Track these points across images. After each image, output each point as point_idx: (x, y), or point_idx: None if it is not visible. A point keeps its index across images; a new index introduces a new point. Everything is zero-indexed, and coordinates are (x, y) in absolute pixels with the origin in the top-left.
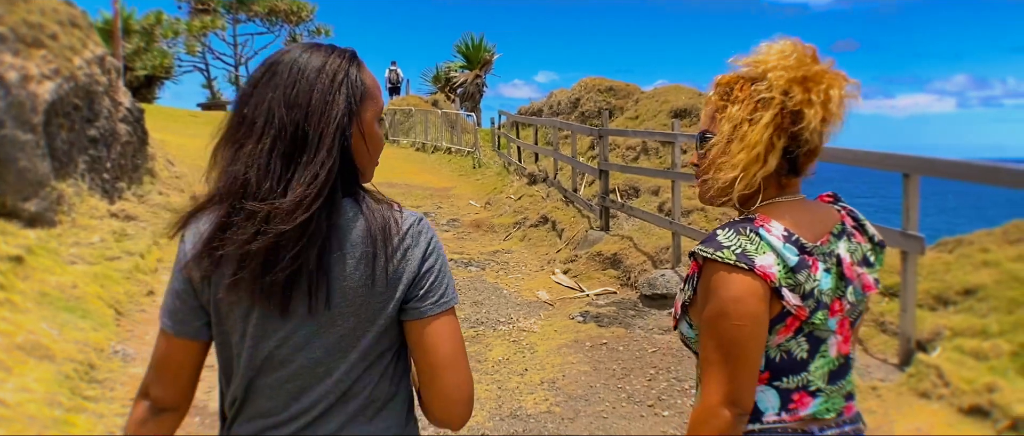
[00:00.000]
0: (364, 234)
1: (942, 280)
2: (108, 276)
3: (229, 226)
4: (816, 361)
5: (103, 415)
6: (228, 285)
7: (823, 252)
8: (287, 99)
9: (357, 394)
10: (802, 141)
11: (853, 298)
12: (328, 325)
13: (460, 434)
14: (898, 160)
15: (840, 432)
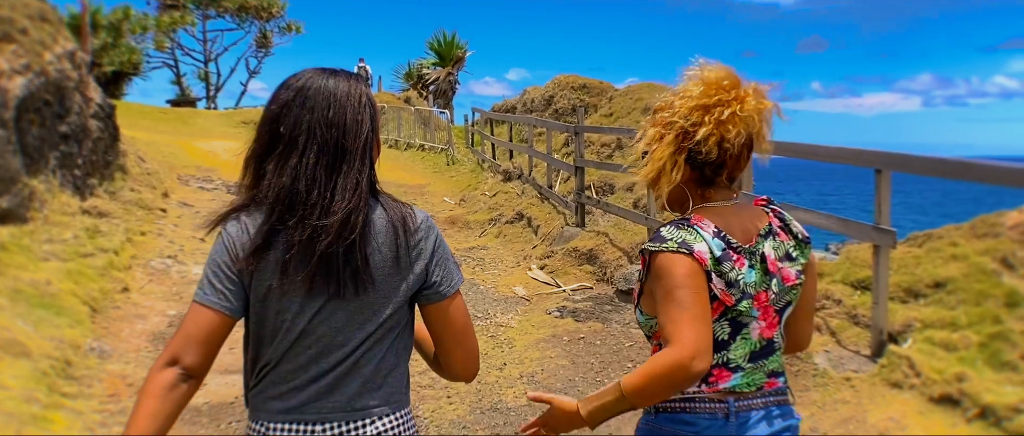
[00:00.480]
0: (387, 227)
1: (913, 273)
2: (82, 273)
3: (283, 230)
4: (737, 342)
5: (82, 412)
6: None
7: (749, 251)
8: (326, 120)
9: (368, 363)
10: (702, 157)
11: (776, 289)
12: (358, 303)
13: (446, 431)
14: (871, 156)
15: (755, 403)
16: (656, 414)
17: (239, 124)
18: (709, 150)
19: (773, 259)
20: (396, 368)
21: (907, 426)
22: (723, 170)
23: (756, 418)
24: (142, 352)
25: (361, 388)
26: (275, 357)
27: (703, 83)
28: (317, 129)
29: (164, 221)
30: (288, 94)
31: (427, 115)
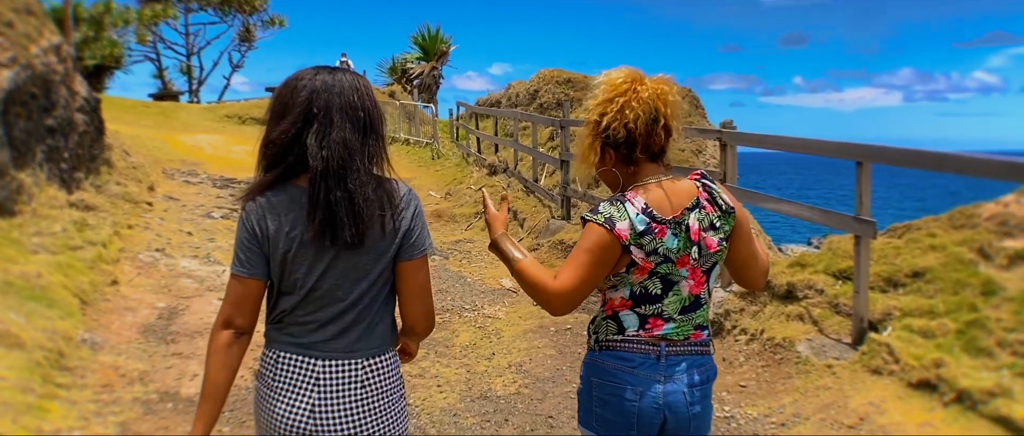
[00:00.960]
0: (378, 197)
1: (892, 263)
2: (72, 265)
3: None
4: (669, 297)
5: (76, 402)
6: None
7: (674, 222)
8: (351, 103)
9: (364, 316)
10: (615, 141)
11: (697, 255)
12: (354, 261)
13: (437, 419)
14: (851, 149)
15: (682, 350)
16: (600, 350)
17: (222, 118)
18: (615, 131)
19: (697, 229)
20: (384, 319)
21: (886, 410)
22: (636, 147)
23: (683, 364)
24: (133, 344)
25: (358, 336)
26: (290, 306)
27: (607, 84)
28: (347, 110)
29: (150, 215)
30: (310, 83)
31: (412, 109)
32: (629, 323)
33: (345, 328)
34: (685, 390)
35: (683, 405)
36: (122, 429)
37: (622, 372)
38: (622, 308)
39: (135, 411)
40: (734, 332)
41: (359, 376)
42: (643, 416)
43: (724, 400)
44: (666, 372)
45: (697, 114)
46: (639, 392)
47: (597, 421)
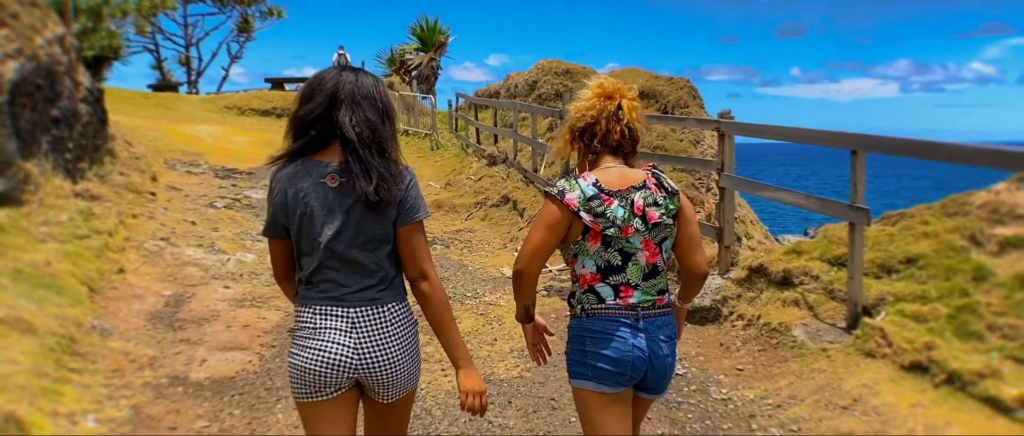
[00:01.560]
0: (389, 176)
1: (886, 250)
2: (79, 254)
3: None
4: (629, 267)
5: (89, 386)
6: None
7: (621, 195)
8: (373, 95)
9: (377, 271)
10: (586, 138)
11: (640, 226)
12: (365, 229)
13: (442, 401)
14: (846, 138)
15: (653, 313)
16: (588, 317)
17: (222, 109)
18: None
19: (640, 205)
20: (396, 275)
21: (879, 392)
22: (594, 139)
23: (655, 324)
24: (141, 330)
25: (377, 287)
26: (314, 266)
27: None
28: (370, 99)
29: (154, 204)
30: (335, 77)
31: (411, 100)
32: (606, 294)
33: (366, 284)
34: (661, 343)
35: (660, 356)
36: (134, 412)
37: (612, 331)
38: (595, 281)
39: (146, 395)
40: (731, 318)
41: (386, 319)
42: (635, 364)
43: (722, 383)
44: (645, 331)
45: (695, 105)
46: (629, 345)
47: (592, 369)
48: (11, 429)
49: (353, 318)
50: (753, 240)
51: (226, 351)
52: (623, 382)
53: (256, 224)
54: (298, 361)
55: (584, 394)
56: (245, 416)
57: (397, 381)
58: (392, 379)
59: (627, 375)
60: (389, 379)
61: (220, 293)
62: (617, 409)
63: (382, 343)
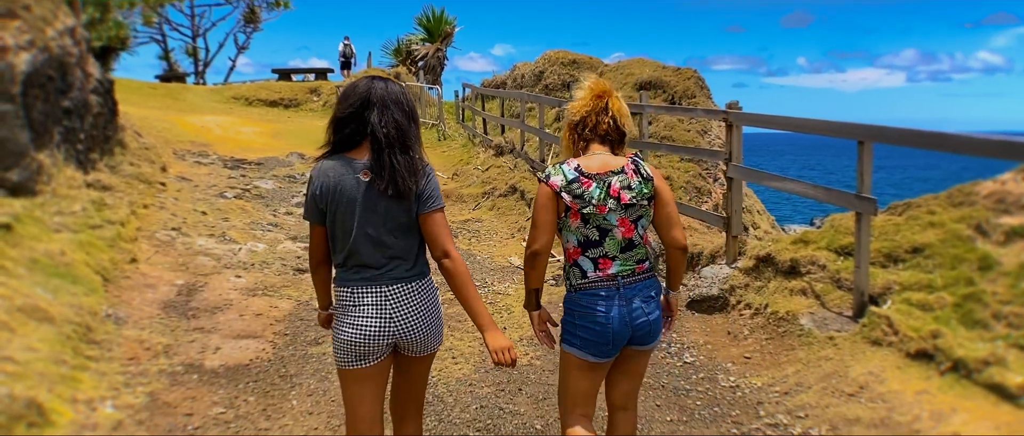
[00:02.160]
0: (410, 167)
1: (892, 240)
2: (92, 244)
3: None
4: (607, 241)
5: (105, 373)
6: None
7: (600, 179)
8: (400, 100)
9: (405, 253)
10: (579, 128)
11: (614, 205)
12: (393, 213)
13: (454, 388)
14: (853, 128)
15: (633, 280)
16: (575, 292)
17: (229, 99)
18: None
19: (616, 187)
20: (421, 255)
21: (885, 379)
22: (585, 129)
23: (636, 289)
24: (155, 319)
25: (405, 267)
26: (345, 250)
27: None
28: (397, 104)
29: (164, 195)
30: (367, 83)
31: (417, 91)
32: (587, 267)
33: (395, 264)
34: (641, 306)
35: (642, 316)
36: (151, 399)
37: (595, 303)
38: (577, 255)
39: (162, 382)
40: (739, 307)
41: (415, 292)
42: (617, 331)
43: (730, 371)
44: (625, 298)
45: (702, 95)
46: (610, 315)
47: (580, 339)
48: (32, 415)
49: (385, 294)
50: (760, 230)
51: (239, 339)
52: (605, 354)
53: (266, 214)
54: (342, 335)
55: (570, 357)
56: (260, 403)
57: (424, 340)
58: (420, 339)
59: (607, 349)
60: (418, 339)
61: (232, 282)
62: (596, 375)
63: (410, 311)
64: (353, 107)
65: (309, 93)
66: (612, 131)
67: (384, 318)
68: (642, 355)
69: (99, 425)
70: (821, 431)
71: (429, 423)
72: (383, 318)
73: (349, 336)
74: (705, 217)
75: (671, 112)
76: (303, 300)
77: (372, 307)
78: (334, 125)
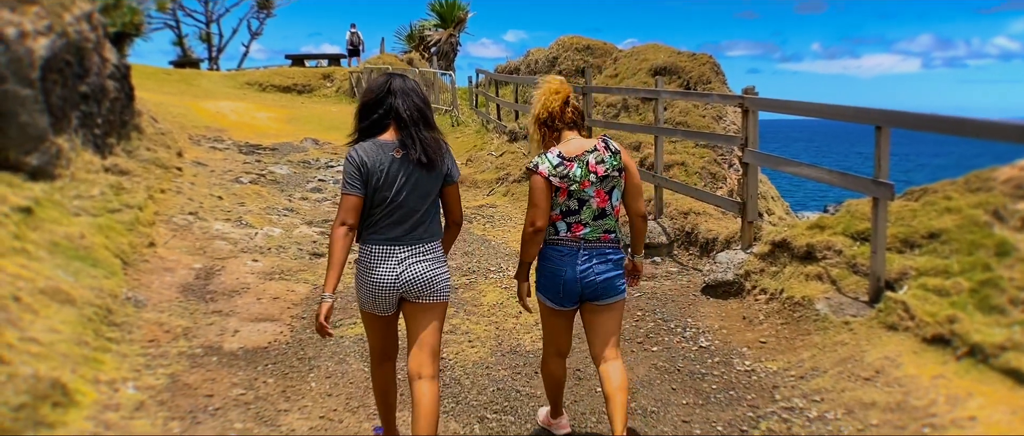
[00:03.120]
0: (434, 145)
1: (909, 225)
2: (111, 227)
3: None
4: (584, 210)
5: (126, 355)
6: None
7: (578, 159)
8: (417, 91)
9: (427, 220)
10: (547, 122)
11: (593, 179)
12: (421, 187)
13: (470, 371)
14: (871, 114)
15: (595, 244)
16: (547, 246)
17: (243, 85)
18: (541, 114)
19: (592, 164)
20: (436, 222)
21: (901, 364)
22: (555, 120)
23: (594, 252)
24: (174, 302)
25: (423, 232)
26: (378, 215)
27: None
28: (415, 93)
29: (181, 179)
30: (387, 77)
31: (431, 77)
32: (561, 228)
33: (414, 227)
34: (594, 267)
35: (591, 275)
36: (172, 380)
37: (556, 258)
38: (557, 220)
39: (182, 364)
40: (754, 292)
41: (425, 251)
42: (567, 283)
43: (745, 355)
44: (582, 258)
45: (718, 81)
46: (564, 270)
47: (543, 287)
48: (57, 395)
49: (401, 255)
50: (774, 216)
51: (257, 322)
52: (562, 303)
53: (281, 199)
54: (363, 283)
55: (540, 302)
56: (279, 384)
57: (429, 288)
58: (426, 287)
59: (561, 298)
60: (423, 287)
61: (249, 266)
62: (561, 320)
63: (420, 264)
64: (378, 95)
65: (322, 79)
66: (577, 116)
67: (397, 273)
68: (604, 310)
69: (122, 406)
70: (837, 415)
71: (447, 405)
72: (396, 273)
73: (368, 285)
74: (721, 202)
75: (686, 97)
76: (319, 284)
77: (388, 263)
78: (362, 112)
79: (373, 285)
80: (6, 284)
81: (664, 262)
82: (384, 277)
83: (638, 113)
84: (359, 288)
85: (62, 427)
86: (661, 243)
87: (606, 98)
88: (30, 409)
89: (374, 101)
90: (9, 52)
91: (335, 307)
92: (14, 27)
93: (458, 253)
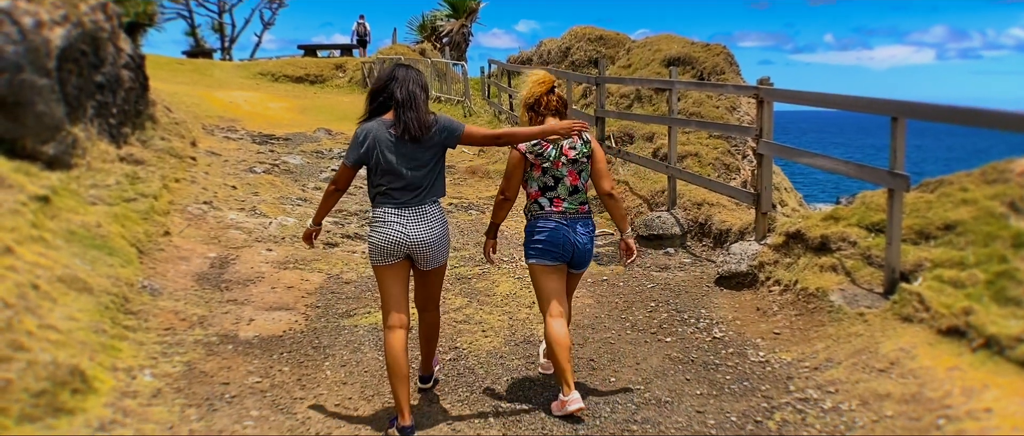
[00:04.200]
0: (428, 119)
1: (924, 217)
2: (127, 216)
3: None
4: (559, 187)
5: (143, 343)
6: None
7: (554, 142)
8: (417, 79)
9: (429, 186)
10: (533, 107)
11: (565, 161)
12: (416, 158)
13: (483, 360)
14: (886, 105)
15: (577, 216)
16: (536, 219)
17: (256, 75)
18: (529, 99)
19: (566, 148)
20: (436, 185)
21: (916, 355)
22: (541, 107)
23: (576, 221)
24: (190, 291)
25: (424, 196)
26: (385, 183)
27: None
28: (413, 79)
29: (195, 169)
30: (393, 67)
31: (443, 68)
32: (544, 203)
33: (417, 193)
34: (580, 234)
35: (580, 244)
36: (188, 368)
37: (549, 228)
38: (537, 196)
39: (198, 352)
40: (768, 283)
41: (426, 213)
42: (564, 244)
43: (759, 346)
44: (569, 226)
45: (731, 71)
46: (560, 234)
47: (536, 251)
48: (76, 381)
49: (406, 215)
50: (788, 208)
51: (272, 311)
52: (557, 258)
53: (295, 189)
54: (374, 240)
55: (533, 268)
56: (294, 373)
57: (432, 252)
58: (429, 251)
59: (559, 252)
60: (426, 251)
61: (263, 255)
62: (554, 276)
63: (423, 227)
64: (382, 83)
65: (334, 69)
66: (560, 105)
67: (402, 231)
68: (574, 277)
69: (139, 392)
70: (851, 406)
71: (460, 393)
72: (401, 231)
73: (377, 241)
74: (735, 193)
75: (700, 88)
76: (334, 273)
77: (395, 222)
78: (370, 97)
79: (382, 242)
80: (24, 272)
81: (677, 253)
82: (391, 235)
83: (651, 104)
84: (371, 244)
85: (81, 413)
86: (674, 234)
87: (619, 89)
88: (50, 395)
89: (379, 88)
90: (26, 41)
91: (349, 297)
92: (31, 16)
93: (471, 244)
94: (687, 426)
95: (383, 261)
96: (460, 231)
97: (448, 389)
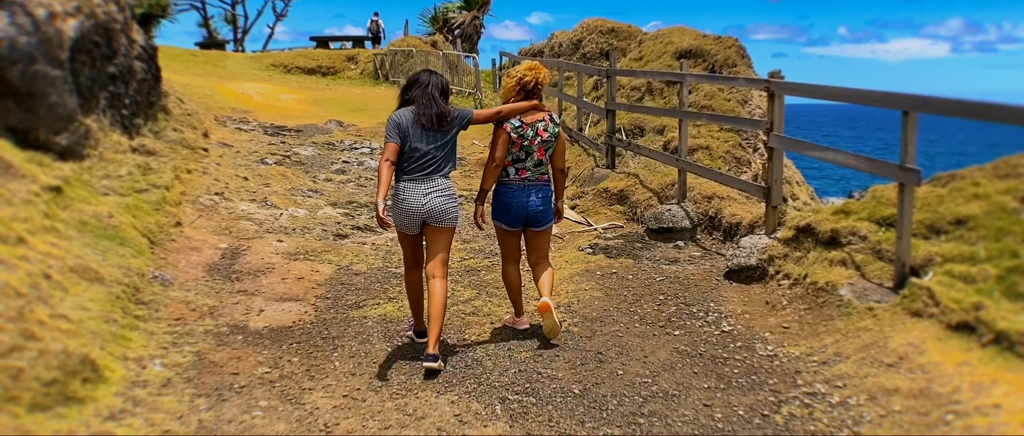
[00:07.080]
0: (447, 111)
1: (935, 211)
2: (139, 207)
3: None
4: (528, 160)
5: (154, 333)
6: (425, 124)
7: (532, 125)
8: (437, 83)
9: (441, 165)
10: (523, 88)
11: (538, 140)
12: (435, 141)
13: (491, 352)
14: (897, 99)
15: (535, 183)
16: (500, 185)
17: (268, 67)
18: (520, 86)
19: (540, 129)
20: (449, 163)
21: (926, 350)
22: (524, 88)
23: (533, 188)
24: (200, 281)
25: (440, 171)
26: (410, 161)
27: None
28: (433, 83)
29: (207, 160)
30: (419, 73)
31: (454, 60)
32: (511, 172)
33: (432, 170)
34: (536, 200)
35: (535, 207)
36: (198, 358)
37: (508, 193)
38: (508, 165)
39: (208, 342)
40: (777, 277)
41: (441, 185)
42: (518, 209)
43: (768, 340)
44: (526, 192)
45: (743, 64)
46: (514, 200)
47: (499, 215)
48: (87, 371)
49: (424, 188)
50: (799, 201)
51: (282, 302)
52: (513, 223)
53: (306, 180)
54: (399, 208)
55: (497, 226)
56: (304, 363)
57: (443, 214)
58: (441, 214)
59: (511, 219)
60: (440, 214)
61: (274, 247)
62: (512, 238)
63: (437, 195)
64: (413, 81)
65: (347, 61)
66: (538, 89)
67: (422, 202)
68: (539, 235)
69: (149, 382)
70: (859, 400)
71: (468, 385)
72: (421, 202)
73: (401, 209)
74: (745, 187)
75: (711, 81)
76: (343, 264)
77: (415, 194)
78: (402, 91)
79: (404, 211)
80: (37, 262)
81: (687, 246)
82: (412, 206)
83: (662, 96)
84: (394, 214)
85: (91, 402)
86: (684, 227)
87: (630, 81)
88: (61, 384)
89: (410, 84)
90: (39, 33)
91: (359, 288)
92: (44, 8)
93: (480, 236)
94: (694, 419)
95: (404, 229)
96: (470, 223)
97: (455, 381)
